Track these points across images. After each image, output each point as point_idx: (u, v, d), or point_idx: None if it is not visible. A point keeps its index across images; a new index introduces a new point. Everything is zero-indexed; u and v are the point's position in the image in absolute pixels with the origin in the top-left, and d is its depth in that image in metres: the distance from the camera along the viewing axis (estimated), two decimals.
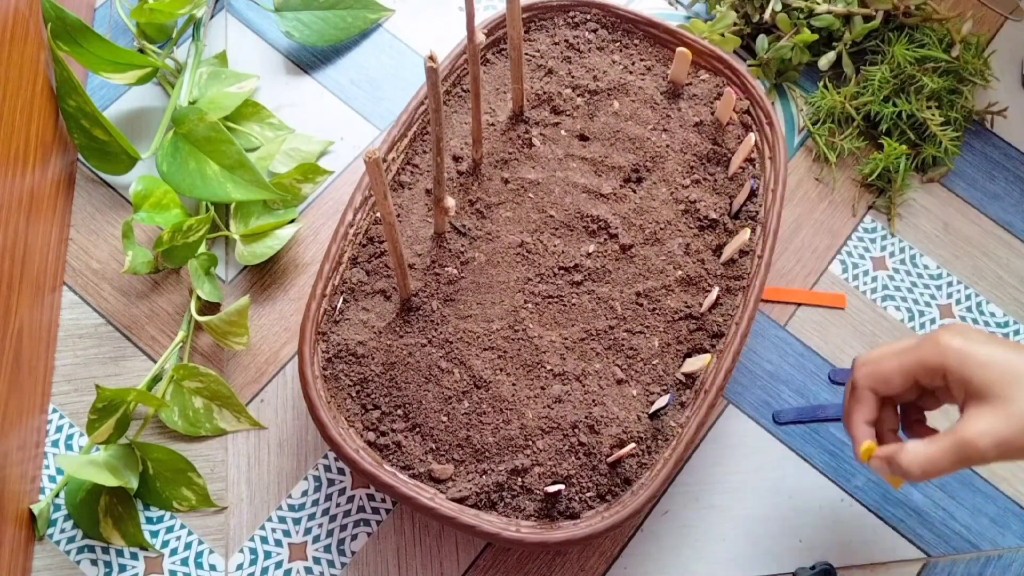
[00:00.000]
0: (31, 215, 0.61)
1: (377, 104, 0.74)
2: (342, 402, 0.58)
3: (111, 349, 0.65)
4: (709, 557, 0.61)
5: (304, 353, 0.57)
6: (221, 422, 0.63)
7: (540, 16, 0.69)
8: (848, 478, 0.63)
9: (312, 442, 0.63)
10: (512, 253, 0.62)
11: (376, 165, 0.47)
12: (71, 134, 0.66)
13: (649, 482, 0.55)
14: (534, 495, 0.56)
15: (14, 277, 0.58)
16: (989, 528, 0.62)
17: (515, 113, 0.66)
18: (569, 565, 0.60)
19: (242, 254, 0.66)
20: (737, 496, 0.62)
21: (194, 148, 0.64)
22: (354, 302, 0.60)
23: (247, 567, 0.60)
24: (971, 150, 0.74)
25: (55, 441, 0.63)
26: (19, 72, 0.60)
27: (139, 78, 0.69)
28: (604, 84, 0.67)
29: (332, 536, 0.61)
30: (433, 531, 0.61)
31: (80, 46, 0.65)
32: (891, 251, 0.70)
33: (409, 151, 0.65)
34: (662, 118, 0.66)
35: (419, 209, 0.63)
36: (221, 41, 0.76)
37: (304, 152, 0.71)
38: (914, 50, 0.71)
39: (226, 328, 0.63)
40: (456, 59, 0.67)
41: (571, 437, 0.57)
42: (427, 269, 0.61)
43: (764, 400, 0.65)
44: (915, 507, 0.63)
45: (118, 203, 0.70)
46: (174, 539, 0.61)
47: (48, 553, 0.60)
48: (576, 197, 0.63)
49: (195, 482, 0.61)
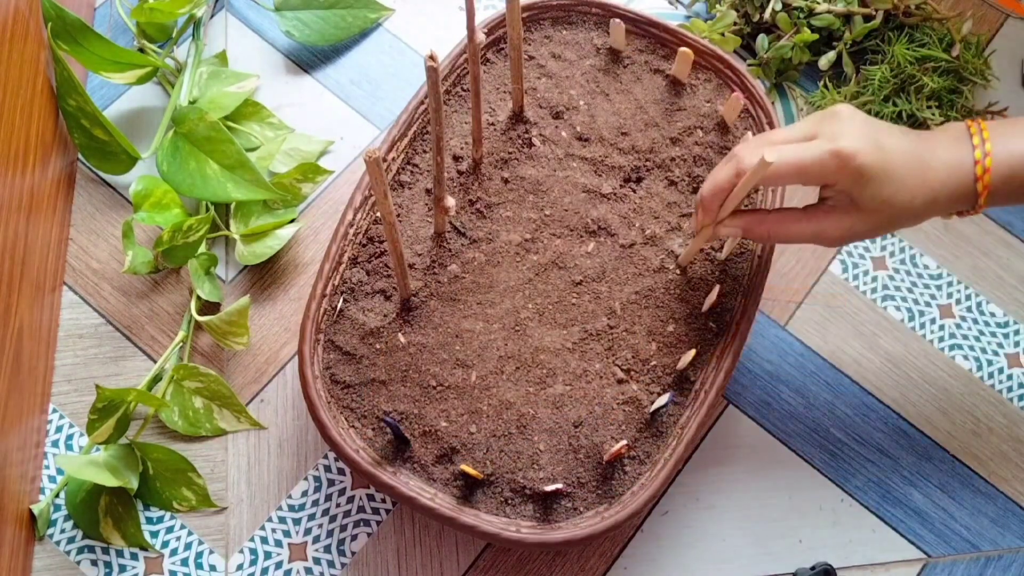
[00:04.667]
0: (31, 215, 0.61)
1: (377, 104, 0.74)
2: (342, 402, 0.58)
3: (111, 349, 0.65)
4: (709, 557, 0.61)
5: (304, 353, 0.57)
6: (221, 422, 0.63)
7: (540, 16, 0.69)
8: (848, 478, 0.63)
9: (312, 442, 0.63)
10: (512, 253, 0.62)
11: (376, 165, 0.46)
12: (71, 134, 0.66)
13: (649, 482, 0.55)
14: (534, 495, 0.56)
15: (14, 277, 0.58)
16: (989, 528, 0.62)
17: (515, 113, 0.66)
18: (569, 565, 0.60)
19: (242, 254, 0.66)
20: (737, 496, 0.62)
21: (194, 148, 0.64)
22: (354, 302, 0.60)
23: (247, 567, 0.60)
24: None
25: (55, 441, 0.63)
26: (19, 72, 0.60)
27: (139, 78, 0.69)
28: (604, 84, 0.67)
29: (332, 536, 0.61)
30: (433, 531, 0.61)
31: (80, 45, 0.65)
32: (891, 251, 0.70)
33: (409, 151, 0.65)
34: (662, 118, 0.66)
35: (419, 209, 0.63)
36: (221, 41, 0.76)
37: (304, 152, 0.71)
38: (914, 50, 0.71)
39: (226, 328, 0.63)
40: (456, 59, 0.67)
41: (571, 437, 0.57)
42: (427, 269, 0.61)
43: (764, 400, 0.65)
44: (915, 507, 0.63)
45: (118, 203, 0.70)
46: (174, 539, 0.61)
47: (48, 553, 0.60)
48: (576, 197, 0.63)
49: (195, 482, 0.61)
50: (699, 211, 0.55)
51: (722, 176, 0.52)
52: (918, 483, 0.63)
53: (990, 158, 0.49)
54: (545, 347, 0.59)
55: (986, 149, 0.50)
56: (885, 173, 0.48)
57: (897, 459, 0.64)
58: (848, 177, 0.48)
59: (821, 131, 0.50)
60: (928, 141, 0.51)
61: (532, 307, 0.60)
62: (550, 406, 0.58)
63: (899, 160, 0.49)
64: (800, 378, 0.66)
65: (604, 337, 0.60)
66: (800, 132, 0.51)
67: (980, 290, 0.69)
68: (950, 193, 0.50)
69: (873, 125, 0.50)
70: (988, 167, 0.49)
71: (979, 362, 0.67)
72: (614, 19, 0.66)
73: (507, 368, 0.59)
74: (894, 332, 0.68)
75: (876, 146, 0.49)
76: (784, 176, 0.49)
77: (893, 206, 0.49)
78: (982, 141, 0.50)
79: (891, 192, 0.49)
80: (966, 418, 0.65)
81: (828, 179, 0.49)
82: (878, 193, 0.49)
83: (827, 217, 0.51)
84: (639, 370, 0.59)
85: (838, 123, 0.50)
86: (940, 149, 0.51)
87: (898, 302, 0.69)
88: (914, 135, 0.51)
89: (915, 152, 0.50)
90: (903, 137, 0.50)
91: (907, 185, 0.49)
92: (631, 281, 0.61)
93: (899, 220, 0.50)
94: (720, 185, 0.52)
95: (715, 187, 0.52)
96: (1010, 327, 0.68)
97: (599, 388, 0.58)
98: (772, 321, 0.67)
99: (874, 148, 0.48)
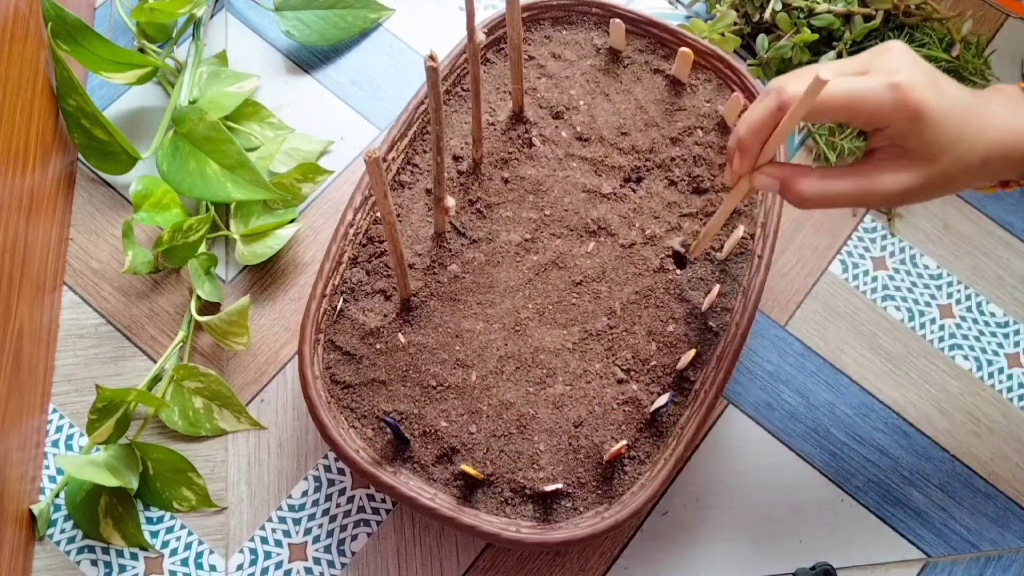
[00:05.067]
0: (31, 215, 0.61)
1: (377, 104, 0.74)
2: (342, 402, 0.58)
3: (111, 349, 0.65)
4: (709, 557, 0.61)
5: (304, 353, 0.57)
6: (221, 422, 0.63)
7: (540, 16, 0.69)
8: (848, 478, 0.63)
9: (312, 442, 0.63)
10: (512, 253, 0.62)
11: (376, 165, 0.46)
12: (71, 134, 0.66)
13: (649, 482, 0.55)
14: (534, 495, 0.56)
15: (14, 277, 0.58)
16: (989, 528, 0.62)
17: (515, 113, 0.66)
18: (569, 565, 0.60)
19: (242, 254, 0.66)
20: (737, 496, 0.62)
21: (194, 148, 0.64)
22: (354, 302, 0.60)
23: (247, 567, 0.60)
24: None
25: (55, 441, 0.63)
26: (19, 72, 0.60)
27: (139, 78, 0.69)
28: (604, 84, 0.67)
29: (332, 536, 0.61)
30: (433, 531, 0.61)
31: (80, 45, 0.65)
32: (891, 251, 0.70)
33: (409, 151, 0.65)
34: (662, 118, 0.66)
35: (419, 209, 0.63)
36: (221, 41, 0.76)
37: (304, 152, 0.71)
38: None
39: (226, 328, 0.63)
40: (456, 59, 0.67)
41: (571, 437, 0.57)
42: (427, 269, 0.61)
43: (764, 400, 0.65)
44: (915, 507, 0.63)
45: (118, 203, 0.70)
46: (174, 539, 0.61)
47: (48, 553, 0.60)
48: (576, 197, 0.63)
49: (195, 482, 0.61)
50: (734, 159, 0.48)
51: (760, 112, 0.45)
52: (918, 483, 0.63)
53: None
54: (545, 347, 0.59)
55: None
56: (945, 117, 0.43)
57: (897, 459, 0.64)
58: (906, 116, 0.43)
59: (875, 65, 0.45)
60: (983, 96, 0.46)
61: (532, 307, 0.60)
62: (550, 406, 0.58)
63: (958, 106, 0.44)
64: (800, 378, 0.66)
65: (604, 337, 0.60)
66: (852, 66, 0.45)
67: (980, 290, 0.69)
68: (1004, 155, 0.45)
69: (929, 68, 0.45)
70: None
71: (979, 362, 0.67)
72: (614, 19, 0.66)
73: (507, 368, 0.59)
74: (894, 332, 0.68)
75: (935, 87, 0.44)
76: (835, 110, 0.43)
77: (950, 157, 0.44)
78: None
79: (949, 140, 0.44)
80: (966, 418, 0.65)
81: (882, 119, 0.44)
82: (937, 139, 0.44)
83: (877, 171, 0.45)
84: (639, 370, 0.59)
85: (894, 58, 0.44)
86: (996, 105, 0.46)
87: (898, 302, 0.69)
88: (967, 89, 0.46)
89: (972, 103, 0.45)
90: (958, 86, 0.46)
91: (966, 136, 0.44)
92: (631, 281, 0.61)
93: (955, 177, 0.45)
94: (760, 122, 0.45)
95: (754, 124, 0.45)
96: (1010, 327, 0.68)
97: (599, 388, 0.58)
98: (772, 321, 0.67)
99: (934, 88, 0.43)
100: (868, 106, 0.43)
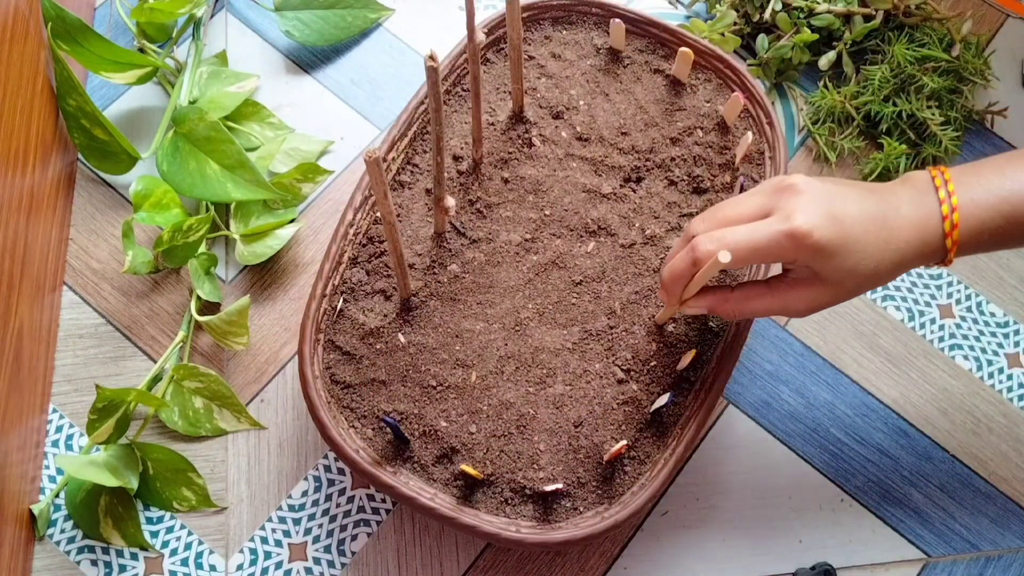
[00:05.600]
0: (31, 215, 0.61)
1: (377, 104, 0.74)
2: (342, 402, 0.58)
3: (111, 349, 0.65)
4: (709, 557, 0.61)
5: (304, 353, 0.57)
6: (221, 422, 0.63)
7: (540, 16, 0.69)
8: (848, 478, 0.63)
9: (312, 442, 0.63)
10: (512, 253, 0.62)
11: (376, 165, 0.46)
12: (71, 134, 0.66)
13: (649, 482, 0.55)
14: (534, 495, 0.56)
15: (14, 277, 0.58)
16: (989, 528, 0.62)
17: (515, 113, 0.66)
18: (569, 565, 0.60)
19: (242, 254, 0.66)
20: (737, 496, 0.62)
21: (194, 148, 0.64)
22: (354, 302, 0.60)
23: (247, 567, 0.60)
24: (971, 150, 0.74)
25: (55, 441, 0.63)
26: (19, 72, 0.60)
27: (139, 78, 0.69)
28: (604, 84, 0.67)
29: (332, 536, 0.61)
30: (433, 531, 0.61)
31: (80, 45, 0.65)
32: None
33: (409, 151, 0.65)
34: (662, 118, 0.66)
35: (419, 209, 0.63)
36: (221, 41, 0.76)
37: (304, 152, 0.71)
38: (914, 50, 0.71)
39: (226, 328, 0.63)
40: (456, 59, 0.67)
41: (571, 437, 0.57)
42: (427, 269, 0.61)
43: (764, 400, 0.65)
44: (915, 507, 0.63)
45: (118, 203, 0.70)
46: (174, 539, 0.61)
47: (48, 553, 0.60)
48: (576, 197, 0.63)
49: (195, 482, 0.61)
50: (662, 294, 0.54)
51: (679, 265, 0.50)
52: (918, 483, 0.63)
53: (957, 212, 0.48)
54: (545, 347, 0.59)
55: (952, 203, 0.48)
56: (845, 246, 0.47)
57: (897, 459, 0.64)
58: (806, 255, 0.47)
59: (775, 206, 0.48)
60: (890, 199, 0.49)
61: (532, 307, 0.60)
62: (550, 406, 0.58)
63: (859, 228, 0.47)
64: (800, 378, 0.66)
65: (604, 337, 0.60)
66: (754, 207, 0.49)
67: (980, 290, 0.69)
68: (917, 251, 0.48)
69: (828, 195, 0.48)
70: (956, 222, 0.48)
71: (979, 362, 0.67)
72: (614, 19, 0.66)
73: (507, 368, 0.59)
74: (894, 332, 0.68)
75: (832, 219, 0.47)
76: (741, 261, 0.48)
77: (857, 275, 0.48)
78: (948, 195, 0.48)
79: (853, 263, 0.47)
80: (966, 418, 0.65)
81: (787, 260, 0.48)
82: (840, 266, 0.47)
83: (791, 291, 0.50)
84: (639, 370, 0.59)
85: (793, 198, 0.48)
86: (904, 206, 0.49)
87: (898, 302, 0.69)
88: (875, 194, 0.49)
89: (876, 215, 0.48)
90: (862, 200, 0.48)
91: (870, 252, 0.47)
92: (631, 281, 0.61)
93: (865, 286, 0.49)
94: (679, 273, 0.50)
95: (673, 274, 0.51)
96: (1010, 327, 0.68)
97: (599, 388, 0.58)
98: (772, 321, 0.67)
99: (831, 222, 0.47)
100: (772, 254, 0.47)
